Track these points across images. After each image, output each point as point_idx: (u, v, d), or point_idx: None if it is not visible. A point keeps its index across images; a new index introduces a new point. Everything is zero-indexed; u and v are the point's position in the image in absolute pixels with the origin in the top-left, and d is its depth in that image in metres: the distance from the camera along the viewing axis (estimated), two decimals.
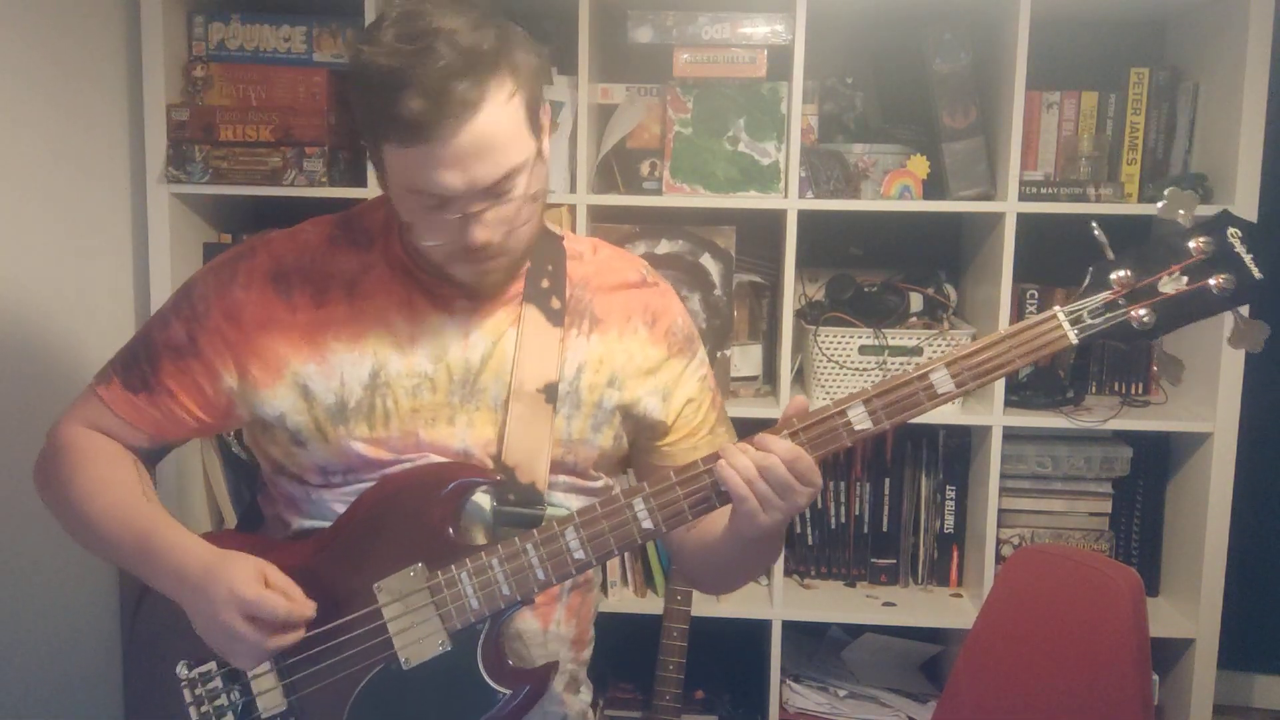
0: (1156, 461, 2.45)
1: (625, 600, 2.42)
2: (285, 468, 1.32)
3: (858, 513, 2.50)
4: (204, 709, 1.27)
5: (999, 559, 2.37)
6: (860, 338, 2.34)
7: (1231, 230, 1.13)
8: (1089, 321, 1.14)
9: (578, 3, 2.21)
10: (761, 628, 2.44)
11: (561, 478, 1.31)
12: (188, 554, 1.22)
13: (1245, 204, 2.18)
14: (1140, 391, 2.46)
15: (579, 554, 1.20)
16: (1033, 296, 2.44)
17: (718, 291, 2.34)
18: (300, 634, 1.19)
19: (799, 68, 2.22)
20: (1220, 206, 2.19)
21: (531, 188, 1.19)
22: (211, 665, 1.27)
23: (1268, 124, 2.18)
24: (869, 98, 2.50)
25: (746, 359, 2.42)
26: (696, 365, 1.39)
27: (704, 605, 2.34)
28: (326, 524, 1.29)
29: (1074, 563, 1.59)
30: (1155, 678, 2.30)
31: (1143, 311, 1.14)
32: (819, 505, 2.50)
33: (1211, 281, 1.12)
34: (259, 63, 2.32)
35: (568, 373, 1.30)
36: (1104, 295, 1.14)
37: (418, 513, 1.23)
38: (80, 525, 1.30)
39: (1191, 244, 1.12)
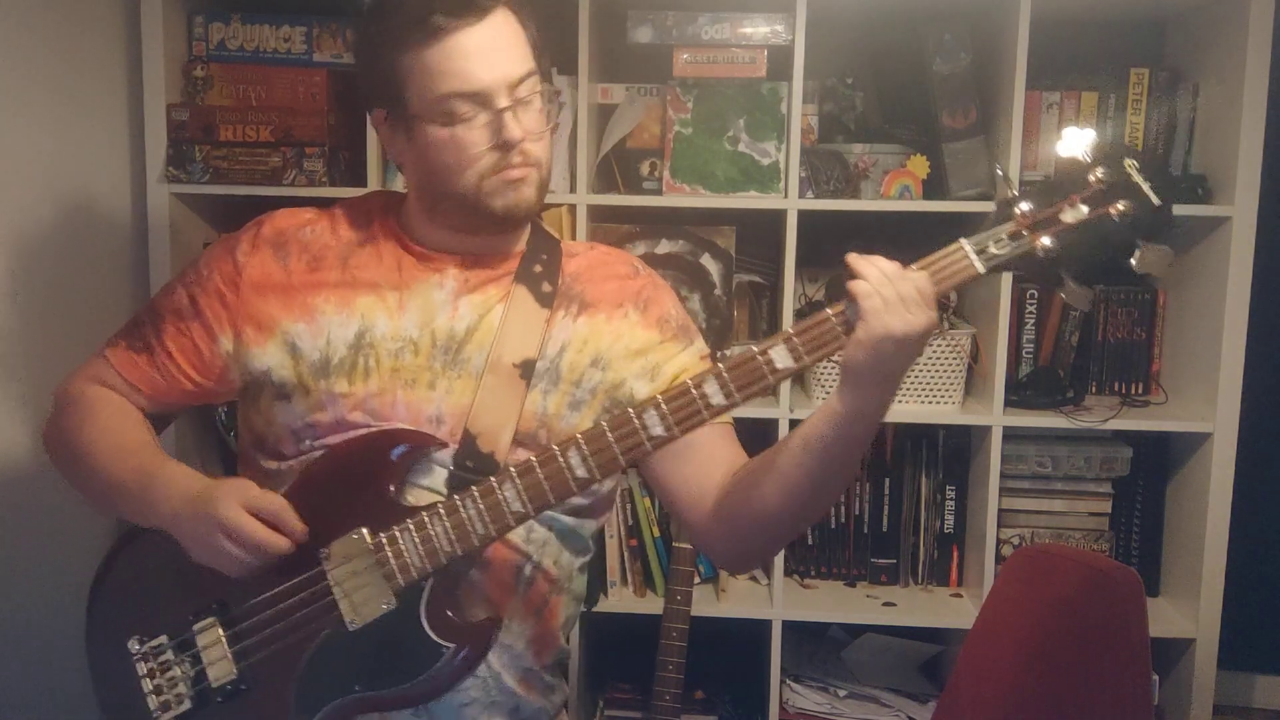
0: (1156, 461, 2.45)
1: (625, 600, 2.42)
2: (264, 439, 1.36)
3: (858, 513, 2.50)
4: (156, 681, 1.30)
5: (999, 559, 2.37)
6: None
7: (1128, 160, 1.17)
8: (994, 252, 1.17)
9: (578, 3, 2.21)
10: (761, 628, 2.44)
11: (534, 454, 1.30)
12: (194, 477, 1.28)
13: (1245, 204, 2.18)
14: (1140, 391, 2.46)
15: (516, 505, 1.22)
16: (1032, 296, 2.44)
17: (718, 291, 2.34)
18: (288, 544, 1.22)
19: (799, 68, 2.22)
20: (1221, 207, 2.21)
21: (550, 92, 1.31)
22: (163, 639, 1.30)
23: (1268, 124, 2.18)
24: (869, 98, 2.50)
25: None
26: (694, 350, 1.40)
27: (704, 605, 2.34)
28: None
29: (1074, 563, 1.59)
30: (1155, 678, 2.30)
31: (1046, 240, 1.17)
32: None
33: (1112, 208, 1.16)
34: (259, 63, 2.32)
35: (549, 351, 1.34)
36: (1008, 226, 1.17)
37: (364, 477, 1.27)
38: (87, 471, 1.35)
39: (1090, 176, 1.17)
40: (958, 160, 2.28)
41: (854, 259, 1.16)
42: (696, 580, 2.28)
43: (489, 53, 1.24)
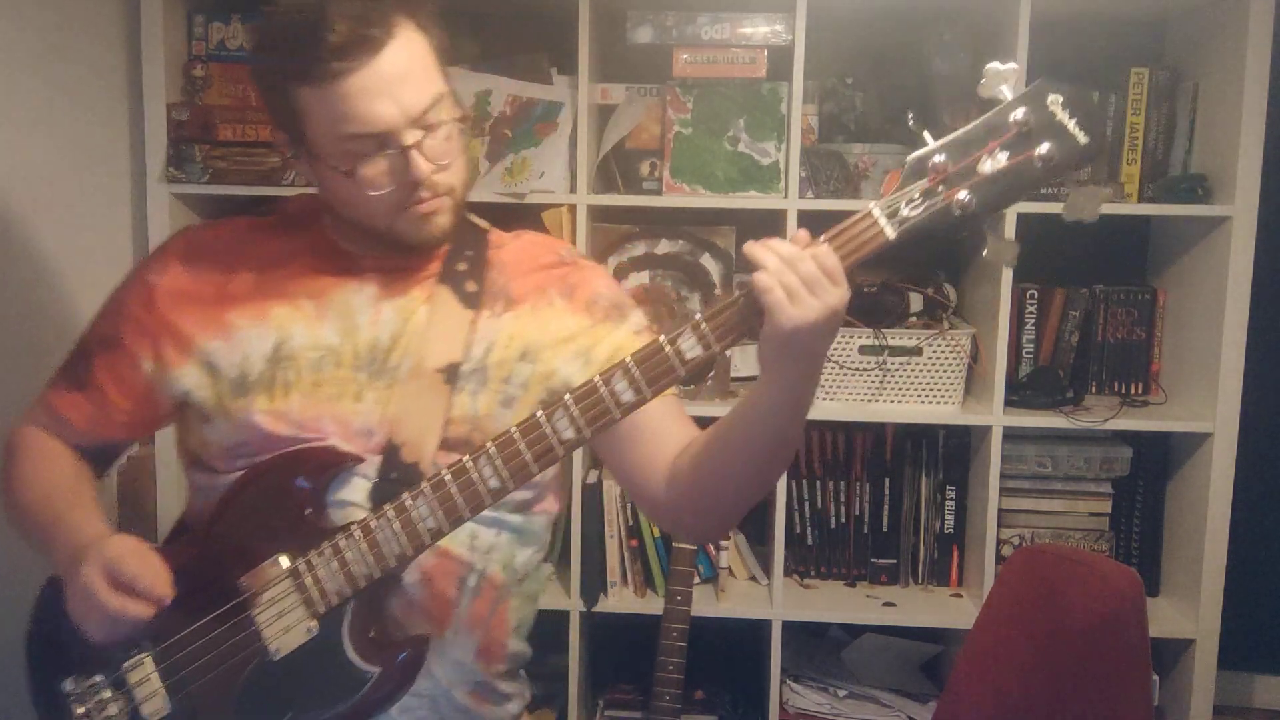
0: (1156, 461, 2.45)
1: (625, 600, 2.42)
2: (199, 457, 1.32)
3: (858, 513, 2.50)
4: None
5: (999, 559, 2.37)
6: (860, 338, 2.34)
7: (1052, 98, 1.05)
8: (905, 214, 1.07)
9: (578, 3, 2.21)
10: (761, 628, 2.44)
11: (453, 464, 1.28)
12: (86, 529, 1.24)
13: (1245, 204, 2.18)
14: (1140, 391, 2.46)
15: (430, 522, 1.18)
16: (1032, 296, 2.44)
17: (718, 291, 2.34)
18: (146, 612, 1.17)
19: (799, 68, 2.22)
20: (1221, 207, 2.21)
21: (456, 113, 1.23)
22: (99, 677, 1.27)
23: (1268, 124, 2.18)
24: (869, 98, 2.50)
25: (746, 359, 2.42)
26: (629, 326, 1.34)
27: (704, 605, 2.34)
28: None
29: (1074, 563, 1.59)
30: (1155, 678, 2.30)
31: (962, 194, 1.05)
32: (819, 505, 2.50)
33: (1035, 152, 1.05)
34: None
35: (476, 352, 1.29)
36: (920, 184, 1.06)
37: (277, 502, 1.24)
38: (18, 517, 1.33)
39: (1011, 118, 1.05)
40: None
41: (751, 248, 1.08)
42: (696, 580, 2.28)
43: (391, 88, 1.16)
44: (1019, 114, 1.05)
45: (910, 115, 1.23)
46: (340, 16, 1.13)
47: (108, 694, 1.26)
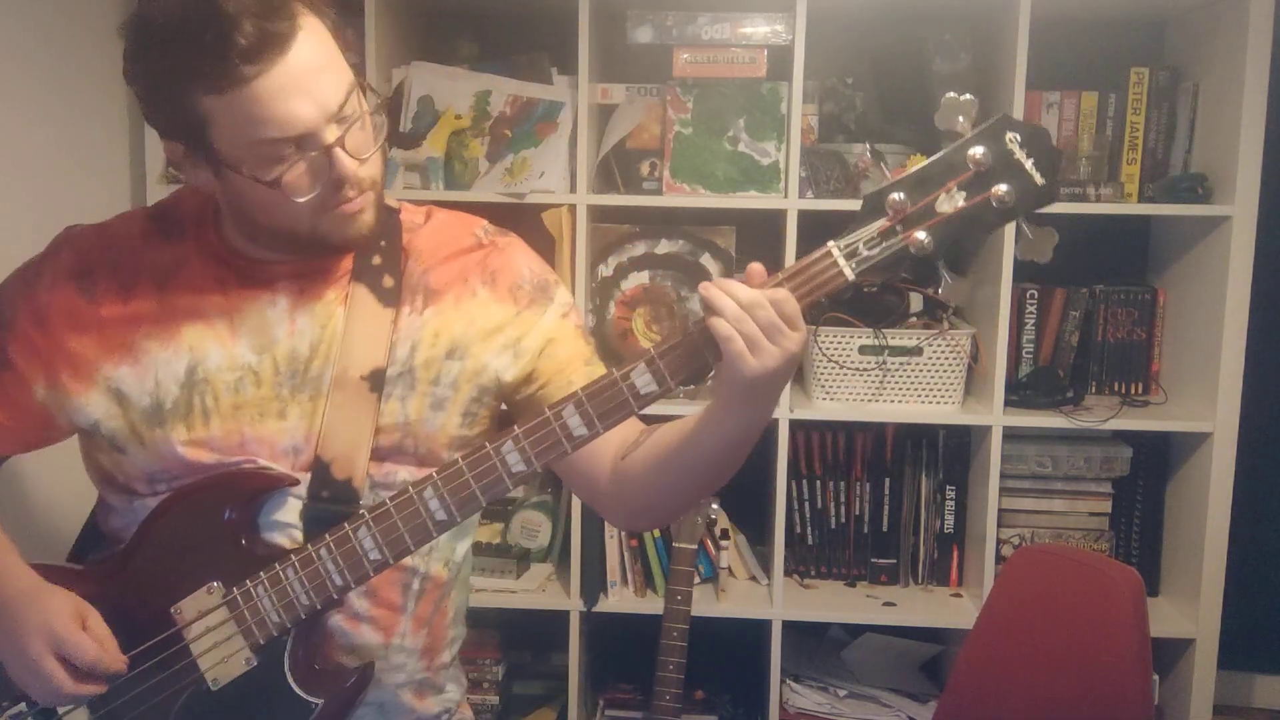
0: (1156, 461, 2.45)
1: (625, 600, 2.42)
2: (114, 478, 1.23)
3: (858, 513, 2.50)
4: None
5: (999, 559, 2.37)
6: (860, 338, 2.34)
7: (1010, 135, 1.04)
8: (865, 254, 1.05)
9: (578, 3, 2.21)
10: (761, 628, 2.44)
11: (405, 469, 1.22)
12: (7, 575, 1.17)
13: (1245, 204, 2.18)
14: (1140, 391, 2.46)
15: (374, 555, 1.14)
16: (1032, 296, 2.44)
17: None
18: (103, 688, 1.15)
19: (799, 68, 2.22)
20: (1222, 207, 2.21)
21: (371, 101, 1.14)
22: (22, 705, 1.20)
23: (1268, 124, 2.18)
24: (869, 98, 2.50)
25: None
26: (555, 308, 1.28)
27: (704, 605, 2.34)
28: None
29: (1074, 563, 1.59)
30: (1155, 678, 2.30)
31: (921, 235, 1.05)
32: (819, 505, 2.50)
33: (991, 193, 1.04)
34: None
35: (400, 354, 1.21)
36: (879, 224, 1.05)
37: (209, 527, 1.17)
38: None
39: (969, 154, 1.04)
40: None
41: (707, 290, 1.05)
42: (696, 580, 2.28)
43: (305, 85, 1.05)
44: (977, 152, 1.04)
45: (868, 145, 1.18)
46: (244, 14, 1.02)
47: None
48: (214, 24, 1.02)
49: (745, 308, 1.03)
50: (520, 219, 2.14)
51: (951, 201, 1.05)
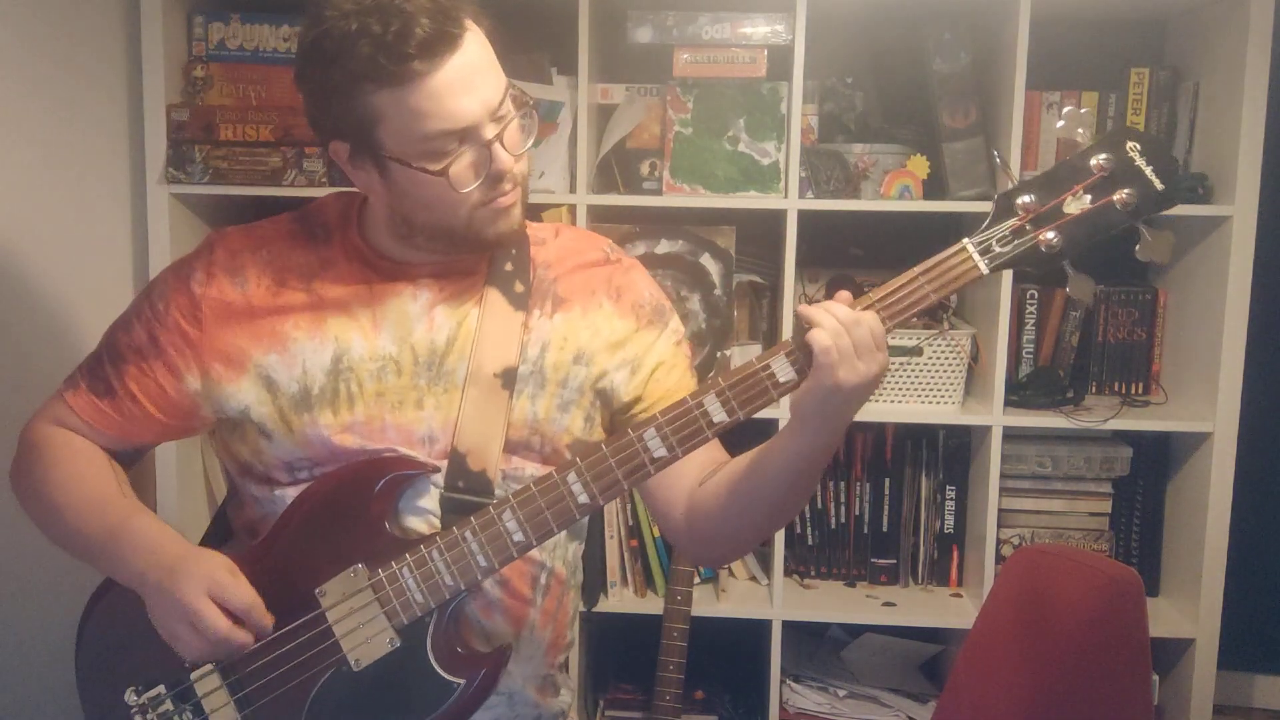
0: (1156, 461, 2.45)
1: (625, 600, 2.42)
2: (253, 468, 1.30)
3: (858, 513, 2.50)
4: None
5: (999, 559, 2.37)
6: None
7: (1130, 144, 1.14)
8: (998, 250, 1.15)
9: (578, 3, 2.21)
10: (761, 628, 2.44)
11: (531, 465, 1.29)
12: (164, 538, 1.23)
13: (1245, 204, 2.18)
14: (1140, 391, 2.46)
15: (518, 536, 1.19)
16: (1032, 296, 2.44)
17: (718, 291, 2.34)
18: (250, 641, 1.18)
19: (799, 68, 2.22)
20: (1221, 207, 2.21)
21: (523, 103, 1.23)
22: (160, 689, 1.25)
23: (1268, 124, 2.18)
24: (869, 98, 2.50)
25: (746, 359, 2.42)
26: (669, 333, 1.37)
27: (704, 605, 2.35)
28: None
29: (1074, 563, 1.59)
30: (1155, 678, 2.30)
31: (1050, 234, 1.14)
32: (819, 505, 2.50)
33: (1115, 197, 1.13)
34: (259, 63, 2.32)
35: (531, 354, 1.29)
36: (1011, 223, 1.15)
37: (353, 511, 1.22)
38: (54, 519, 1.30)
39: (1092, 162, 1.14)
40: (958, 160, 2.28)
41: (806, 310, 1.14)
42: (696, 580, 2.28)
43: (470, 82, 1.15)
44: (1100, 158, 1.13)
45: (998, 155, 1.35)
46: (421, 13, 1.12)
47: (170, 706, 1.25)
48: (395, 21, 1.11)
49: (844, 324, 1.13)
50: None
51: (1078, 204, 1.14)
